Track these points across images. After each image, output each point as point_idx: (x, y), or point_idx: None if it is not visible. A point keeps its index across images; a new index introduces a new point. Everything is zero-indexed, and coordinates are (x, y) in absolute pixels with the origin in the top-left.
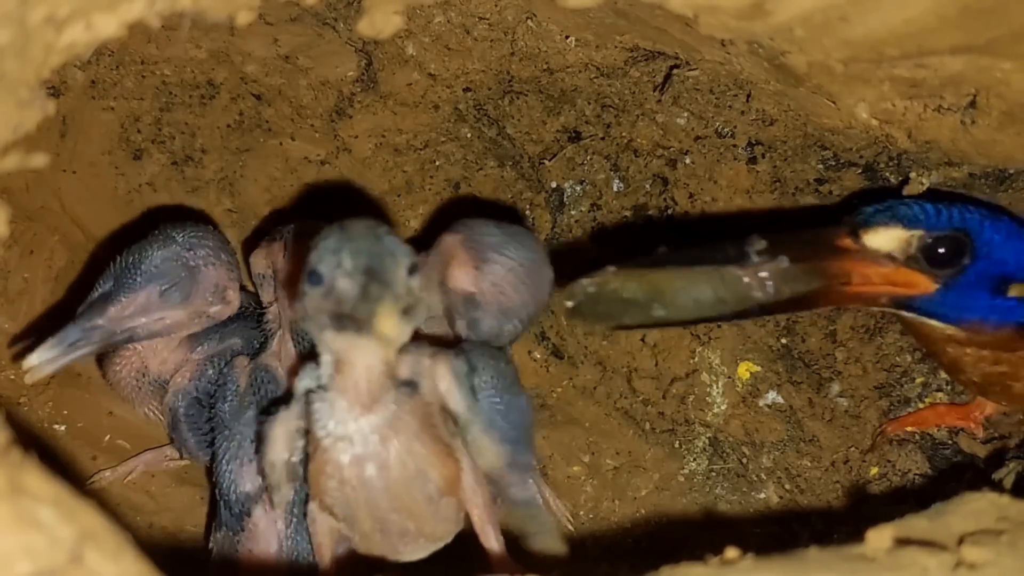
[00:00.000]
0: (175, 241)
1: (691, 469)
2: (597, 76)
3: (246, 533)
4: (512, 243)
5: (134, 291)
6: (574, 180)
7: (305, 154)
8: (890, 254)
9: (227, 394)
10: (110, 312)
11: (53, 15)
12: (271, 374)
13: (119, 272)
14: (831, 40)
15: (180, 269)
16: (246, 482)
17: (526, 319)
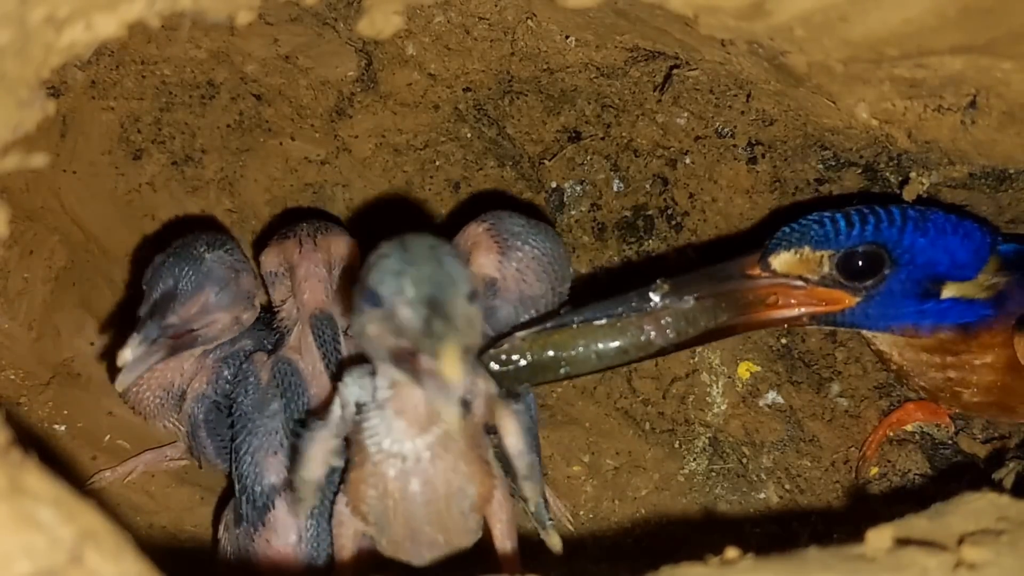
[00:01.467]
0: (217, 247)
1: (691, 469)
2: (597, 76)
3: (266, 527)
4: (537, 233)
5: (197, 291)
6: (574, 180)
7: (305, 154)
8: (801, 276)
9: (248, 388)
10: (180, 311)
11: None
12: (293, 366)
13: (176, 274)
14: (831, 40)
15: (229, 272)
16: (271, 474)
17: (542, 310)
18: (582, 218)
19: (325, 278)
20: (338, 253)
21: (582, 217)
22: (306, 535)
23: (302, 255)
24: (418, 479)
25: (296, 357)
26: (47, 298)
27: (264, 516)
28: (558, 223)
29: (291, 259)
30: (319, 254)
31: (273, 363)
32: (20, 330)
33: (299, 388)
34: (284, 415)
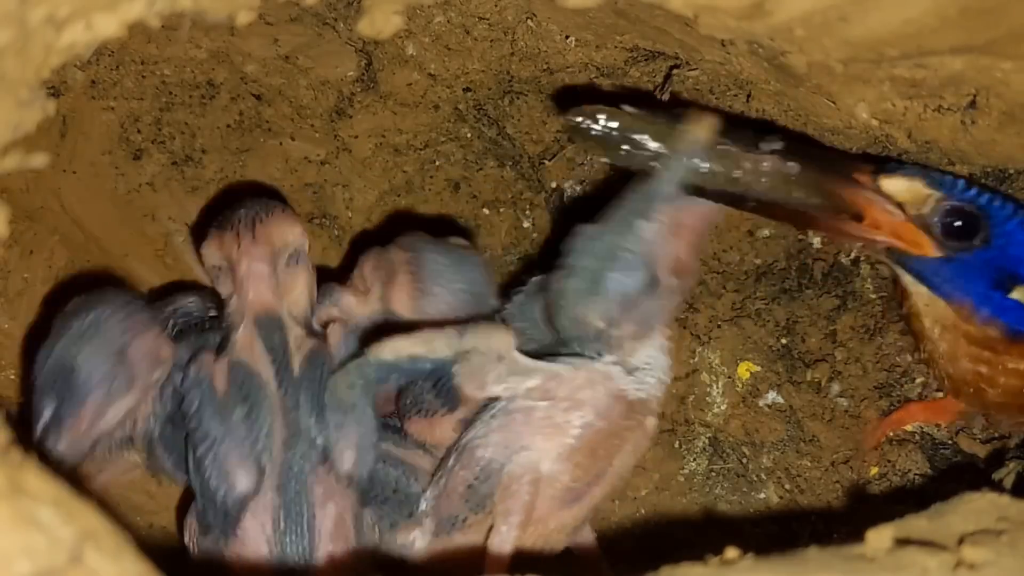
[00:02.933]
0: (87, 331)
1: (691, 469)
2: (597, 76)
3: (237, 538)
4: (458, 273)
5: (80, 406)
6: (574, 180)
7: (305, 154)
8: (902, 205)
9: (203, 395)
10: (67, 437)
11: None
12: (249, 370)
13: (55, 386)
14: (831, 40)
15: (110, 360)
16: (241, 482)
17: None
18: None
19: (268, 274)
20: (281, 241)
21: None
22: (275, 548)
23: (241, 250)
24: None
25: (249, 359)
26: (47, 298)
27: (235, 527)
28: (558, 223)
29: (230, 256)
30: (259, 247)
31: (229, 368)
32: (20, 330)
33: (260, 393)
34: (247, 422)
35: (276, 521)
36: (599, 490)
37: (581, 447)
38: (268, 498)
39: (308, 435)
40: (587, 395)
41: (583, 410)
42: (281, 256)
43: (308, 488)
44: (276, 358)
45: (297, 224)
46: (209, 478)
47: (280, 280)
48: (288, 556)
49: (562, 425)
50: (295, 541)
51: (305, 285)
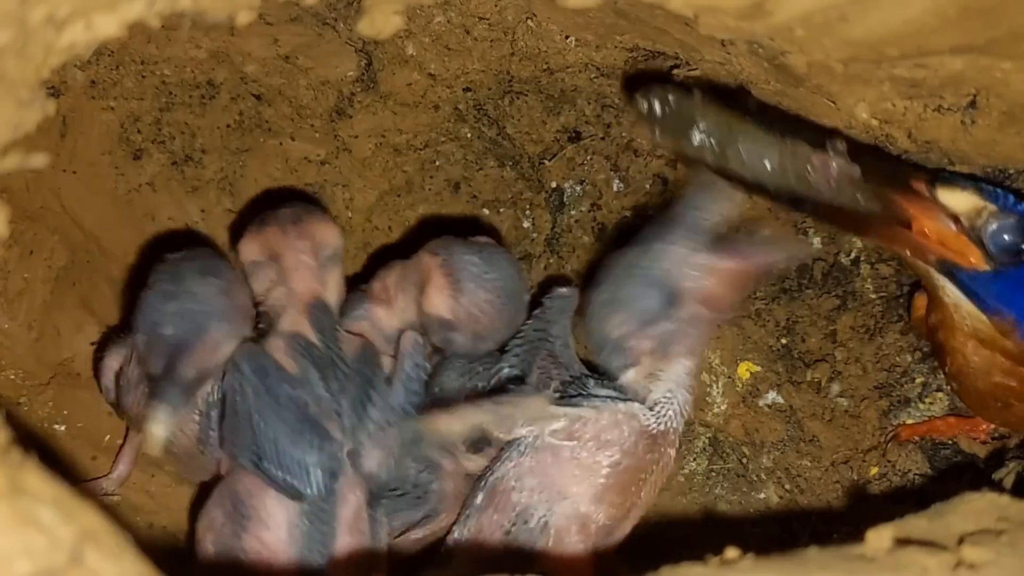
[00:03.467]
0: (206, 273)
1: (691, 469)
2: (597, 76)
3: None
4: (492, 271)
5: (202, 334)
6: (574, 180)
7: (305, 154)
8: (957, 216)
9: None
10: (194, 362)
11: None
12: (310, 341)
13: (175, 321)
14: (831, 40)
15: (224, 300)
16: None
17: (500, 341)
18: (582, 218)
19: (313, 265)
20: (323, 240)
21: (582, 217)
22: (296, 535)
23: (286, 244)
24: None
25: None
26: (47, 298)
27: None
28: (558, 223)
29: (275, 249)
30: (304, 241)
31: (288, 342)
32: (20, 330)
33: (324, 360)
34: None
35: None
36: (629, 523)
37: (612, 485)
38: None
39: (345, 422)
40: (614, 435)
41: (611, 450)
42: (322, 254)
43: (337, 475)
44: (328, 341)
45: (336, 227)
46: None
47: (323, 273)
48: (309, 544)
49: (591, 466)
50: (317, 530)
51: (336, 286)
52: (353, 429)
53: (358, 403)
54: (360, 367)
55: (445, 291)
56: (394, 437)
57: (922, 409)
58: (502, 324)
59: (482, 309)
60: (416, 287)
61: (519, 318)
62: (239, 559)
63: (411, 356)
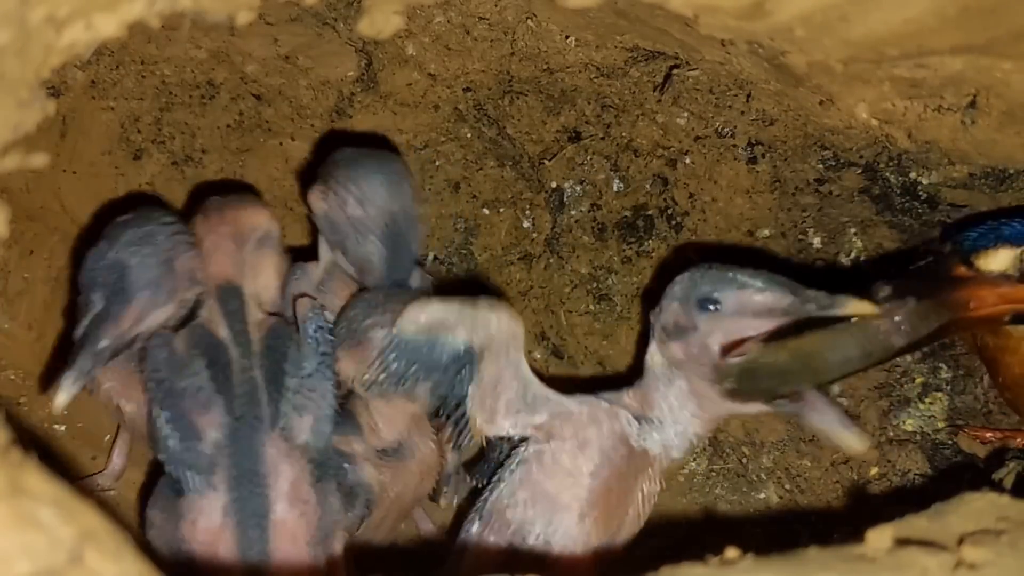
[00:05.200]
0: (141, 240)
1: (691, 469)
2: (597, 76)
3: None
4: (360, 161)
5: (127, 303)
6: (574, 180)
7: (305, 154)
8: (1004, 273)
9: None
10: (111, 331)
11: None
12: (210, 332)
13: (103, 286)
14: (831, 40)
15: (159, 268)
16: (210, 432)
17: (384, 235)
18: (582, 218)
19: (232, 250)
20: (249, 224)
21: (582, 217)
22: (231, 511)
23: (208, 228)
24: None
25: (208, 324)
26: (47, 298)
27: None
28: (558, 223)
29: (199, 234)
30: (225, 226)
31: (189, 332)
32: (20, 330)
33: (218, 350)
34: (211, 372)
35: (229, 482)
36: (621, 541)
37: (596, 499)
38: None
39: (261, 395)
40: (591, 433)
41: (590, 451)
42: (249, 238)
43: (259, 448)
44: (233, 322)
45: (265, 211)
46: (173, 430)
47: (248, 261)
48: (244, 519)
49: (573, 472)
50: (249, 503)
51: (274, 269)
52: (276, 403)
53: (272, 375)
54: (271, 343)
55: (318, 187)
56: (318, 400)
57: (922, 409)
58: (379, 215)
59: (350, 193)
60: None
61: (401, 219)
62: (183, 548)
63: (310, 320)
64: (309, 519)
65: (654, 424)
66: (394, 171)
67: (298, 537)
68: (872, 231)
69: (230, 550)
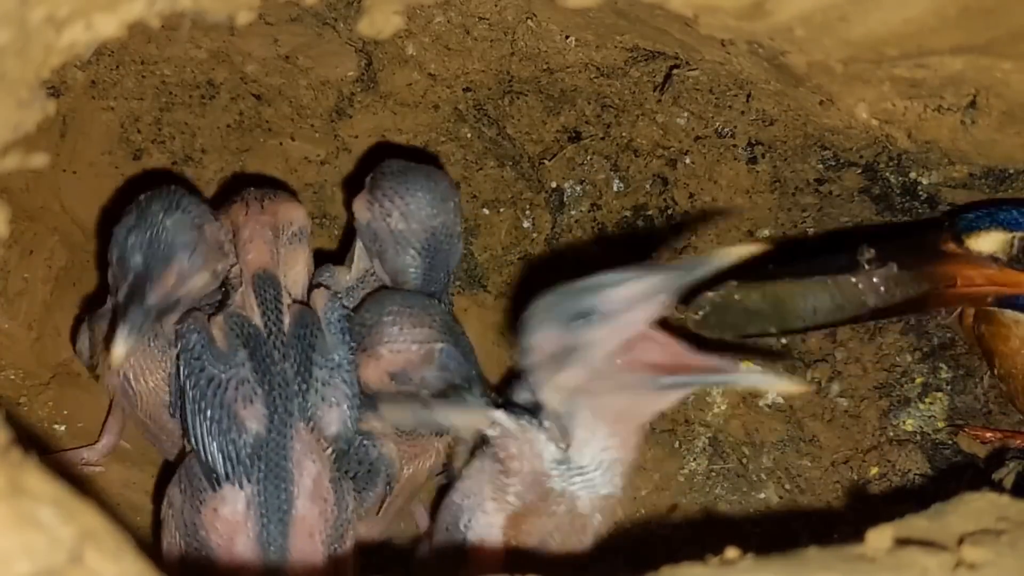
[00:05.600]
0: (175, 207)
1: (691, 469)
2: (597, 76)
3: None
4: (408, 174)
5: (168, 263)
6: (574, 180)
7: (305, 154)
8: (993, 255)
9: (202, 345)
10: (157, 289)
11: (53, 15)
12: (248, 319)
13: (142, 248)
14: (831, 40)
15: (193, 232)
16: (252, 423)
17: (423, 250)
18: (582, 218)
19: (271, 240)
20: (286, 218)
21: (582, 217)
22: (255, 501)
23: (247, 217)
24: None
25: (245, 312)
26: (47, 298)
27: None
28: (558, 223)
29: (236, 222)
30: (265, 216)
31: (226, 321)
32: (20, 330)
33: (258, 339)
34: (252, 362)
35: (258, 474)
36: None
37: (515, 522)
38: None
39: (292, 388)
40: (515, 466)
41: (514, 479)
42: (284, 231)
43: (289, 442)
44: (268, 310)
45: (302, 207)
46: (214, 424)
47: (281, 253)
48: (268, 513)
49: (503, 488)
50: (273, 497)
51: (304, 264)
52: (303, 394)
53: (302, 367)
54: (299, 332)
55: (364, 196)
56: (346, 390)
57: (922, 409)
58: (420, 230)
59: (395, 206)
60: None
61: (442, 236)
62: (200, 534)
63: (329, 310)
64: (327, 517)
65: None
66: (441, 188)
67: (315, 534)
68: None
69: (249, 542)
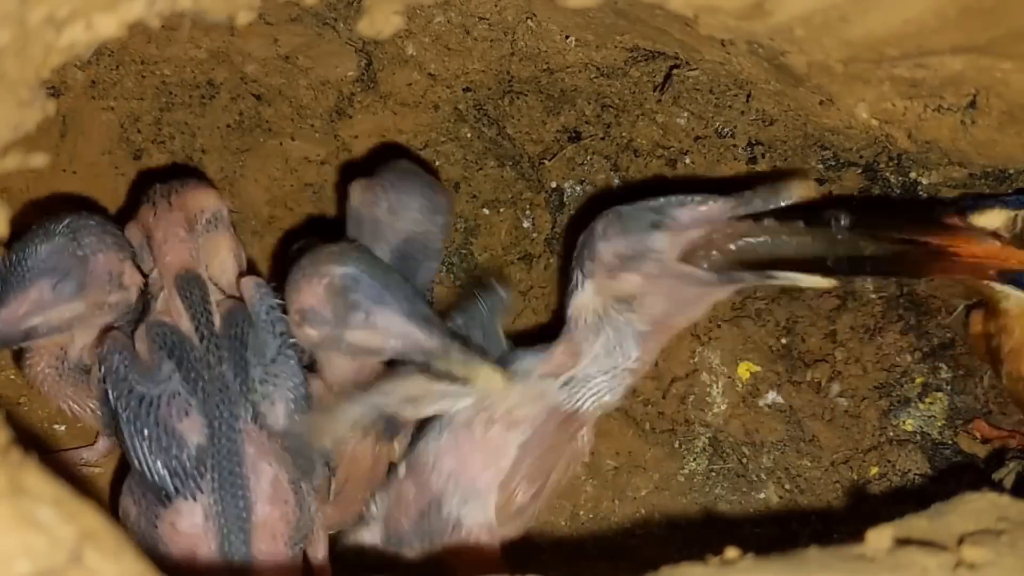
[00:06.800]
0: (57, 233)
1: (691, 469)
2: (597, 76)
3: (171, 508)
4: (410, 175)
5: (24, 289)
6: (574, 180)
7: (305, 154)
8: (996, 232)
9: (123, 361)
10: (2, 314)
11: (53, 15)
12: (172, 326)
13: (5, 273)
14: (831, 40)
15: (69, 260)
16: (191, 436)
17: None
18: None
19: (185, 236)
20: (197, 207)
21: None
22: (212, 516)
23: (157, 217)
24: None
25: (168, 319)
26: None
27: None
28: (558, 223)
29: (147, 225)
30: (176, 213)
31: (147, 330)
32: None
33: (185, 346)
34: (181, 373)
35: (211, 484)
36: (537, 505)
37: (519, 471)
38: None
39: (233, 391)
40: (523, 413)
41: (520, 428)
42: (198, 221)
43: (239, 448)
44: (196, 313)
45: (212, 190)
46: (153, 443)
47: (201, 245)
48: (227, 523)
49: (501, 447)
50: (231, 505)
51: (229, 250)
52: (246, 396)
53: (239, 368)
54: (231, 331)
55: (362, 180)
56: (285, 382)
57: (922, 409)
58: (401, 229)
59: (387, 197)
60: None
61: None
62: (159, 548)
63: (259, 302)
64: (289, 519)
65: (583, 381)
66: (437, 200)
67: (278, 537)
68: None
69: (211, 553)
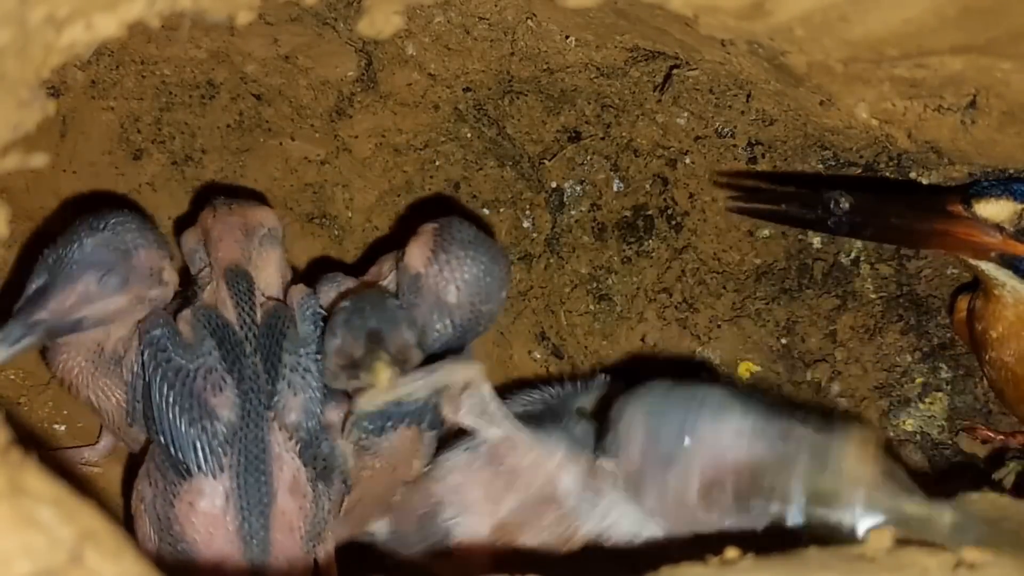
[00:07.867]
0: (102, 228)
1: None
2: (597, 76)
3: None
4: (479, 248)
5: (72, 282)
6: (574, 180)
7: (305, 154)
8: (999, 224)
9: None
10: (51, 305)
11: (53, 15)
12: (216, 312)
13: (52, 265)
14: (831, 40)
15: (113, 254)
16: (224, 411)
17: (459, 324)
18: (582, 218)
19: (241, 238)
20: (256, 220)
21: (582, 217)
22: (234, 493)
23: (216, 219)
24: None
25: (216, 306)
26: None
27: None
28: (558, 223)
29: (206, 226)
30: (236, 218)
31: (193, 315)
32: None
33: (228, 330)
34: (219, 352)
35: (235, 466)
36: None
37: (504, 526)
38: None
39: (263, 385)
40: (525, 480)
41: (517, 491)
42: (255, 233)
43: (265, 435)
44: (241, 303)
45: (273, 212)
46: (184, 413)
47: (252, 256)
48: (249, 506)
49: (497, 499)
50: (254, 489)
51: (276, 267)
52: (273, 383)
53: (272, 358)
54: (271, 322)
55: (427, 247)
56: (309, 379)
57: (922, 409)
58: (466, 301)
59: (453, 273)
60: (402, 250)
61: (487, 304)
62: (174, 528)
63: (304, 305)
64: (306, 513)
65: (598, 504)
66: (502, 275)
67: (295, 529)
68: None
69: (230, 536)
